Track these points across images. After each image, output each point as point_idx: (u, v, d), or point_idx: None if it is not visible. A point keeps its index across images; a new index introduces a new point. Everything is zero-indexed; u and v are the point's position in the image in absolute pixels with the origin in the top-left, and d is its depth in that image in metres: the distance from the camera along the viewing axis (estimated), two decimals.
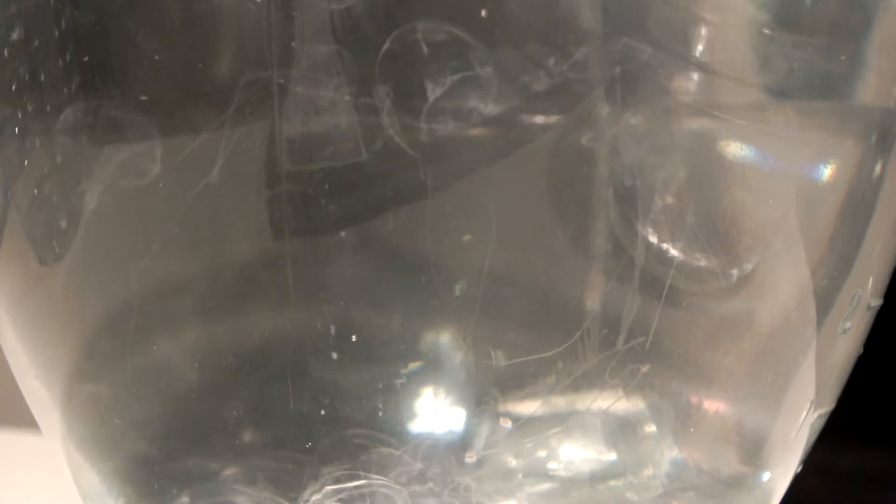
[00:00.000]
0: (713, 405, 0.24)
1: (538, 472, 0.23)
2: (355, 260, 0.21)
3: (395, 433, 0.22)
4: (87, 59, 0.22)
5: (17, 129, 0.23)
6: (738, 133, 0.22)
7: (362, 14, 0.20)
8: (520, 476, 0.23)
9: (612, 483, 0.23)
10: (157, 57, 0.21)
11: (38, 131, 0.23)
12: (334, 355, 0.22)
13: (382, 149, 0.21)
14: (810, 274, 0.24)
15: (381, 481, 0.22)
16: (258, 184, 0.22)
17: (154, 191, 0.22)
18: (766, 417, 0.24)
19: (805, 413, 0.25)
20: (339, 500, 0.22)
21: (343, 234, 0.21)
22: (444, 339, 0.22)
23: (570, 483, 0.23)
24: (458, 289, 0.21)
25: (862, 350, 0.26)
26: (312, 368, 0.22)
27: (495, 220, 0.22)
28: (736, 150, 0.22)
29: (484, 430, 0.22)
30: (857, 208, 0.24)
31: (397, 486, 0.22)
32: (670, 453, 0.23)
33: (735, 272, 0.22)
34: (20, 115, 0.23)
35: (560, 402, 0.22)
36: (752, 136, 0.22)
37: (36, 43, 0.22)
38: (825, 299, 0.24)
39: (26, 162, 0.23)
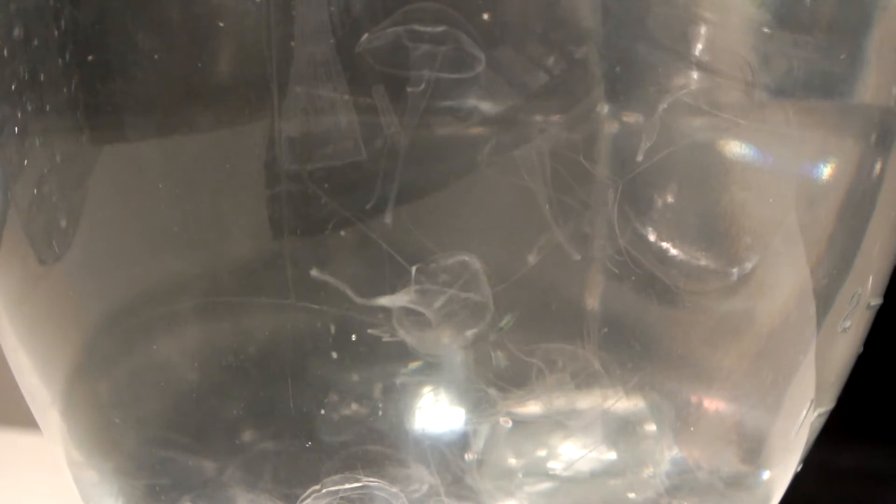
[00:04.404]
0: (713, 404, 0.24)
1: (538, 472, 0.23)
2: (355, 260, 0.21)
3: (394, 433, 0.22)
4: (87, 59, 0.22)
5: (17, 129, 0.23)
6: (738, 133, 0.22)
7: (361, 13, 0.20)
8: (520, 475, 0.23)
9: (613, 482, 0.23)
10: (157, 57, 0.21)
11: (38, 131, 0.23)
12: (334, 355, 0.22)
13: (382, 148, 0.21)
14: (810, 273, 0.24)
15: (380, 482, 0.22)
16: (258, 184, 0.22)
17: (154, 191, 0.22)
18: (766, 416, 0.24)
19: (805, 412, 0.25)
20: (339, 500, 0.22)
21: (343, 234, 0.21)
22: (444, 339, 0.22)
23: (570, 482, 0.23)
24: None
25: (862, 349, 0.26)
26: (312, 368, 0.22)
27: (495, 220, 0.22)
28: (736, 149, 0.22)
29: (484, 429, 0.22)
30: (856, 207, 0.24)
31: (396, 488, 0.22)
32: (670, 452, 0.23)
33: (735, 271, 0.22)
34: (20, 115, 0.23)
35: (560, 402, 0.22)
36: (752, 136, 0.22)
37: (36, 42, 0.22)
38: (825, 298, 0.24)
39: (26, 162, 0.23)
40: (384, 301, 0.21)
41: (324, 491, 0.22)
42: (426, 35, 0.20)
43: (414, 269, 0.21)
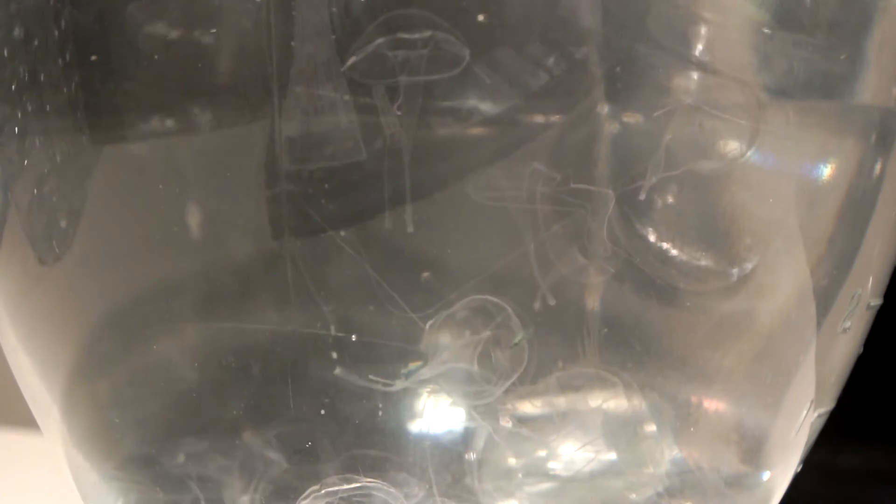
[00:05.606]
0: (713, 404, 0.24)
1: (538, 472, 0.23)
2: (355, 260, 0.21)
3: (394, 433, 0.22)
4: (87, 59, 0.22)
5: (17, 129, 0.23)
6: (738, 133, 0.22)
7: (361, 13, 0.20)
8: (520, 476, 0.23)
9: (613, 482, 0.23)
10: (156, 57, 0.21)
11: (38, 131, 0.23)
12: (334, 355, 0.22)
13: (382, 148, 0.21)
14: (810, 273, 0.24)
15: (379, 483, 0.22)
16: (258, 184, 0.22)
17: (154, 191, 0.22)
18: (766, 417, 0.24)
19: (805, 412, 0.25)
20: (338, 501, 0.22)
21: (343, 234, 0.21)
22: (444, 339, 0.22)
23: (570, 483, 0.23)
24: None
25: (862, 349, 0.26)
26: (312, 368, 0.22)
27: (494, 220, 0.22)
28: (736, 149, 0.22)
29: (484, 429, 0.22)
30: (856, 208, 0.24)
31: (395, 489, 0.22)
32: (670, 452, 0.23)
33: (735, 272, 0.22)
34: (20, 115, 0.23)
35: (560, 402, 0.22)
36: (752, 137, 0.22)
37: (36, 42, 0.22)
38: (825, 299, 0.24)
39: (26, 162, 0.23)
40: (426, 373, 0.21)
41: (323, 491, 0.22)
42: (418, 42, 0.20)
43: (428, 324, 0.21)
